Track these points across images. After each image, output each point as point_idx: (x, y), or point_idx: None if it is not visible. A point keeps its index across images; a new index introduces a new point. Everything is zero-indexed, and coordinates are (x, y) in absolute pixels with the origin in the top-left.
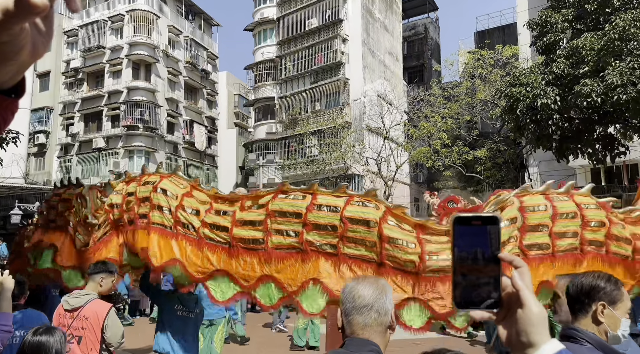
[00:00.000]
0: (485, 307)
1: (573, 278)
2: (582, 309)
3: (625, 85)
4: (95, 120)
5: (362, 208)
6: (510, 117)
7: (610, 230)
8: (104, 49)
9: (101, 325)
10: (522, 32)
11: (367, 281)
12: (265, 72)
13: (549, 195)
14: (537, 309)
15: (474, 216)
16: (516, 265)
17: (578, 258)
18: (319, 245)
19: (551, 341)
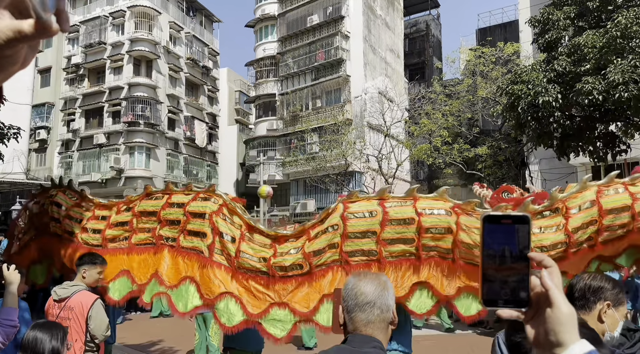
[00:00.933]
0: (513, 306)
1: (576, 277)
2: (586, 306)
3: (627, 83)
4: (96, 116)
5: (203, 202)
6: (511, 114)
7: (458, 236)
8: (105, 45)
9: (85, 315)
10: (524, 29)
11: (369, 277)
12: (267, 69)
13: (386, 201)
14: (567, 309)
15: (504, 215)
16: (546, 265)
17: (414, 264)
18: (166, 238)
19: (580, 341)
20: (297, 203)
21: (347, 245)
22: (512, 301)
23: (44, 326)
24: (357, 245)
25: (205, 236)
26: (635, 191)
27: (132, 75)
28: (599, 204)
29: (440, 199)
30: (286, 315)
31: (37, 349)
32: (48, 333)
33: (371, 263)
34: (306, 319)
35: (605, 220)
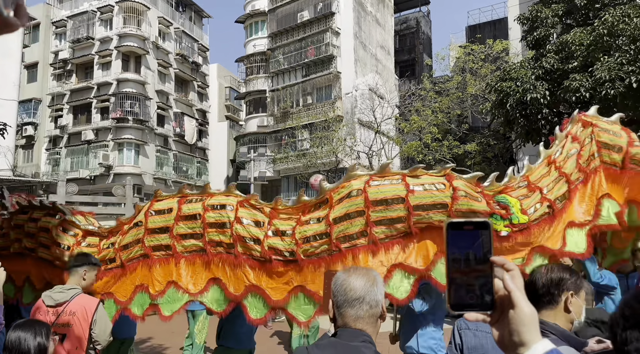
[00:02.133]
0: (479, 309)
1: (534, 273)
2: (552, 300)
3: (614, 81)
4: (84, 112)
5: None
6: (500, 111)
7: (236, 230)
8: (93, 40)
9: (90, 320)
10: (513, 26)
11: (358, 273)
12: (257, 65)
13: (206, 201)
14: (529, 310)
15: (466, 221)
16: (508, 268)
17: (204, 259)
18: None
19: (542, 340)
20: (288, 200)
21: (147, 240)
22: (478, 305)
23: (25, 324)
24: (158, 240)
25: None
26: (414, 183)
27: (120, 70)
28: (365, 194)
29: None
30: (308, 300)
31: (22, 348)
32: (31, 330)
33: (168, 258)
34: None
35: (372, 211)
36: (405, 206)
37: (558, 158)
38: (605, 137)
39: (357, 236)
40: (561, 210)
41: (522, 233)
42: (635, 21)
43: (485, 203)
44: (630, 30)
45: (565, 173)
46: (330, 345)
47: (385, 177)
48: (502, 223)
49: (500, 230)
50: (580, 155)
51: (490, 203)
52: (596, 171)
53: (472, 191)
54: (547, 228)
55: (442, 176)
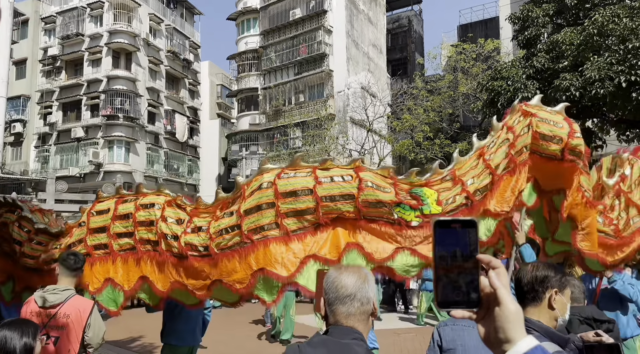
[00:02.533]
0: (465, 306)
1: (520, 271)
2: (537, 297)
3: (603, 80)
4: (74, 110)
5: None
6: (491, 110)
7: (160, 227)
8: (83, 37)
9: (84, 324)
10: (504, 26)
11: (350, 270)
12: (249, 63)
13: (138, 201)
14: (514, 307)
15: (453, 219)
16: (493, 266)
17: (135, 257)
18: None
19: (527, 337)
20: None
21: (90, 239)
22: (464, 302)
23: (12, 324)
24: (98, 239)
25: None
26: (323, 175)
27: (111, 67)
28: (275, 186)
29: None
30: None
31: (8, 348)
32: (18, 330)
33: (106, 257)
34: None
35: (282, 202)
36: (313, 197)
37: (489, 150)
38: (544, 128)
39: (269, 228)
40: (481, 202)
41: None
42: (624, 21)
43: (394, 193)
44: (620, 30)
45: (490, 165)
46: (322, 343)
47: (297, 170)
48: (412, 213)
49: (410, 220)
50: (514, 145)
51: (399, 194)
52: (525, 163)
53: (381, 182)
54: None
55: (351, 168)
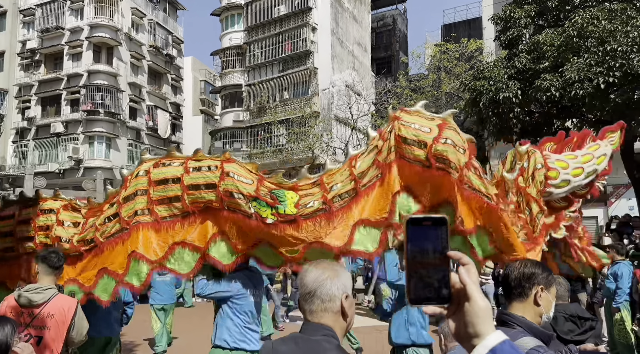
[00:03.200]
0: (436, 302)
1: (508, 267)
2: (523, 293)
3: (583, 81)
4: (53, 104)
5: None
6: (473, 109)
7: (55, 231)
8: (63, 30)
9: (68, 323)
10: (487, 26)
11: (314, 267)
12: (233, 59)
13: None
14: (483, 303)
15: (424, 217)
16: (463, 263)
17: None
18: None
19: (496, 331)
20: None
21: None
22: (436, 298)
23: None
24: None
25: None
26: (192, 165)
27: (91, 62)
28: (149, 175)
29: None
30: None
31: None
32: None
33: None
34: None
35: (154, 190)
36: (180, 186)
37: (360, 158)
38: (406, 132)
39: (141, 213)
40: (344, 208)
41: (290, 225)
42: (603, 23)
43: (255, 188)
44: (599, 32)
45: (353, 172)
46: (293, 339)
47: (172, 160)
48: (268, 210)
49: (266, 216)
50: (380, 152)
51: (260, 189)
52: (390, 166)
53: (244, 174)
54: (323, 224)
55: (219, 160)
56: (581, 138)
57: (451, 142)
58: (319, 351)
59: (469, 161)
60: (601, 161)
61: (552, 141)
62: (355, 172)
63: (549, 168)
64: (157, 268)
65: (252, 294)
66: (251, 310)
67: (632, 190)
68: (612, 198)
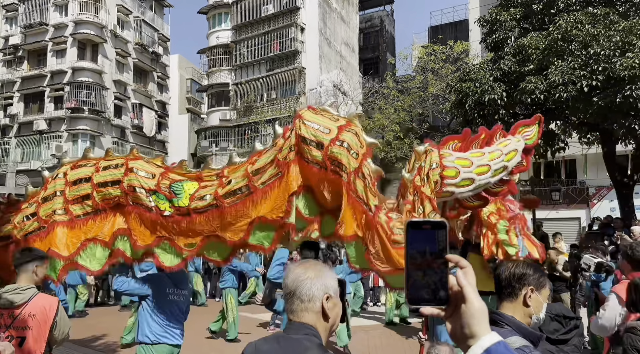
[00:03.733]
0: (434, 304)
1: (501, 267)
2: (512, 293)
3: (566, 84)
4: (36, 101)
5: None
6: (459, 111)
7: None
8: (47, 26)
9: (51, 322)
10: (473, 28)
11: (298, 266)
12: (220, 57)
13: None
14: (479, 305)
15: (424, 221)
16: (461, 265)
17: None
18: None
19: (491, 333)
20: None
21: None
22: (433, 300)
23: None
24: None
25: None
26: (102, 164)
27: (76, 59)
28: (66, 176)
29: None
30: None
31: None
32: None
33: None
34: None
35: (69, 190)
36: (90, 184)
37: (262, 154)
38: (306, 131)
39: (59, 213)
40: (237, 204)
41: (184, 217)
42: (587, 27)
43: (156, 182)
44: (582, 36)
45: (247, 170)
46: (275, 338)
47: (87, 161)
48: (167, 203)
49: (164, 209)
50: (281, 150)
51: (161, 183)
52: (289, 166)
53: (148, 169)
54: (216, 219)
55: (125, 157)
56: (490, 135)
57: (347, 145)
58: (299, 350)
59: (359, 167)
60: (511, 157)
61: (456, 139)
62: (251, 169)
63: (444, 167)
64: (70, 264)
65: (172, 293)
66: (171, 309)
67: (613, 192)
68: (594, 199)
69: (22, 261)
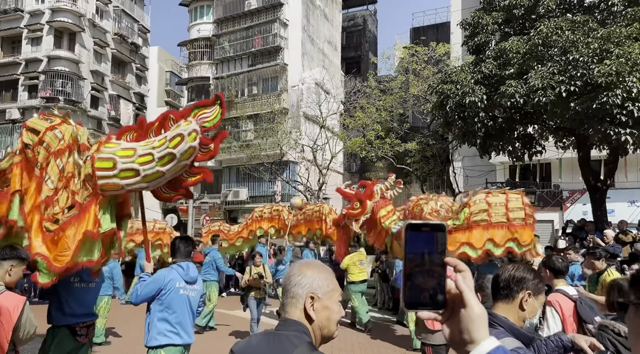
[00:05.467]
0: (431, 308)
1: (502, 268)
2: (509, 295)
3: (545, 89)
4: (9, 89)
5: None
6: (440, 112)
7: None
8: (22, 13)
9: (14, 323)
10: (455, 31)
11: (296, 264)
12: (201, 51)
13: None
14: (479, 310)
15: (424, 223)
16: (460, 269)
17: None
18: None
19: (490, 338)
20: (229, 191)
21: None
22: (431, 304)
23: None
24: None
25: None
26: None
27: (52, 47)
28: None
29: None
30: None
31: None
32: None
33: None
34: None
35: None
36: None
37: None
38: (25, 136)
39: None
40: None
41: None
42: (566, 34)
43: None
44: (562, 42)
45: None
46: (264, 334)
47: None
48: None
49: None
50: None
51: None
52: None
53: None
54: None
55: None
56: (162, 121)
57: (46, 144)
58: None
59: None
60: (176, 143)
61: (132, 129)
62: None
63: (95, 160)
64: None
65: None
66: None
67: (587, 195)
68: (567, 203)
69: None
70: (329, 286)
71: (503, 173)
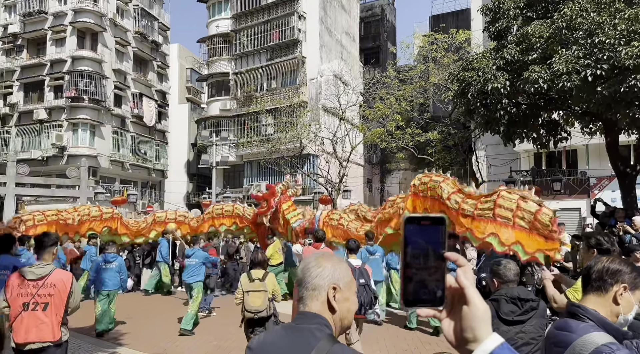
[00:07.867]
0: (431, 304)
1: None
2: (602, 287)
3: (570, 73)
4: (36, 90)
5: None
6: (461, 100)
7: None
8: (46, 15)
9: (68, 292)
10: (475, 17)
11: (311, 257)
12: (220, 46)
13: None
14: (483, 306)
15: (423, 216)
16: (460, 264)
17: None
18: None
19: (492, 335)
20: (251, 185)
21: None
22: (430, 301)
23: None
24: None
25: None
26: None
27: (75, 47)
28: None
29: None
30: None
31: None
32: None
33: None
34: None
35: None
36: None
37: None
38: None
39: None
40: None
41: None
42: (592, 15)
43: None
44: (587, 25)
45: None
46: (282, 328)
47: None
48: None
49: None
50: None
51: None
52: None
53: None
54: None
55: None
56: None
57: None
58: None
59: None
60: None
61: None
62: None
63: None
64: None
65: None
66: None
67: (615, 182)
68: (595, 189)
69: (48, 244)
70: (349, 276)
71: (528, 161)
